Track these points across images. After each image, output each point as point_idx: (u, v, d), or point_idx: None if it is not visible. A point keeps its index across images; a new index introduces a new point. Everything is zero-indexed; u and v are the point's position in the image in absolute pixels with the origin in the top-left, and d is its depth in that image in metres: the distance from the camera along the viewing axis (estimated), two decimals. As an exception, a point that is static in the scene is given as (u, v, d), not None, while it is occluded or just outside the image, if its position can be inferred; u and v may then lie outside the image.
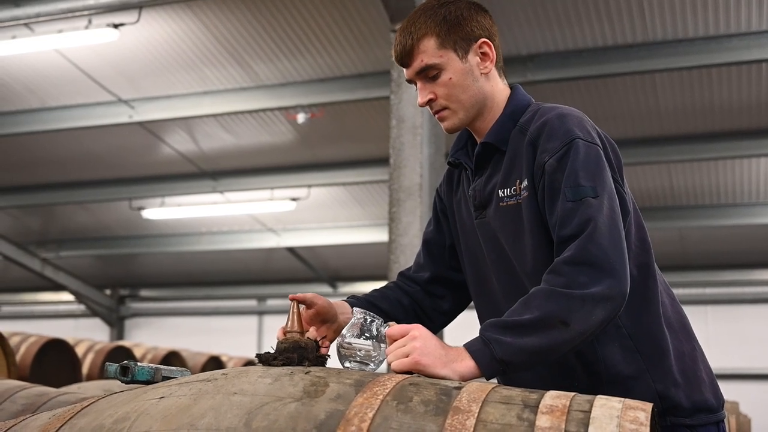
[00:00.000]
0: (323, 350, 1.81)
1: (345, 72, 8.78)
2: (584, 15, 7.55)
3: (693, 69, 8.07)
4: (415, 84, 1.95)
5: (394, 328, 1.66)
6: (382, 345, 1.70)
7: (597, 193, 1.69)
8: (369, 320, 1.71)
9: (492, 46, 1.92)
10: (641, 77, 8.43)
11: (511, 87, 1.99)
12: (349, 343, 1.71)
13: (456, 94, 1.89)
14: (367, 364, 1.69)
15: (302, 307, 1.90)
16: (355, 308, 1.74)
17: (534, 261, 1.81)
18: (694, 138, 9.64)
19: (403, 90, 5.76)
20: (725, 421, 1.88)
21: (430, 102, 1.92)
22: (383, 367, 1.77)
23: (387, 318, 2.01)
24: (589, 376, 1.80)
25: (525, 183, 1.83)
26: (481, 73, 1.91)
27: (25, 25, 7.77)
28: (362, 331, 1.70)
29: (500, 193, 1.88)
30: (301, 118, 9.31)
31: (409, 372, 1.59)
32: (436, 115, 1.95)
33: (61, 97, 9.61)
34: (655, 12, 7.44)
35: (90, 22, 7.74)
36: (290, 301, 1.82)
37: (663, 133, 9.67)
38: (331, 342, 1.92)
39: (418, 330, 1.63)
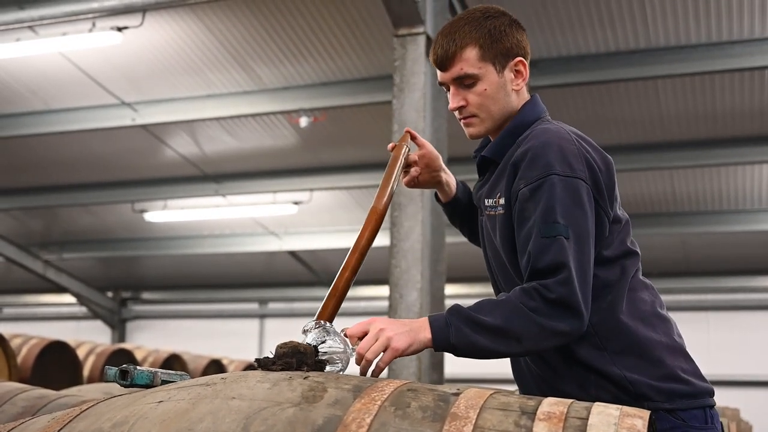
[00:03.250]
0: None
1: (348, 76, 8.80)
2: (587, 21, 7.56)
3: (695, 75, 8.08)
4: (447, 87, 2.05)
5: (353, 328, 1.74)
6: (347, 347, 1.70)
7: (569, 234, 1.80)
8: (322, 326, 1.71)
9: (526, 65, 2.04)
10: (644, 83, 8.43)
11: (532, 96, 2.09)
12: (322, 350, 1.70)
13: (487, 104, 2.00)
14: (337, 365, 1.69)
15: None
16: (306, 323, 1.75)
17: (502, 268, 2.01)
18: (696, 144, 9.64)
19: (405, 95, 5.77)
20: (717, 413, 1.92)
21: (460, 108, 2.03)
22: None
23: None
24: (564, 363, 1.91)
25: (502, 201, 1.94)
26: (513, 89, 2.03)
27: (29, 27, 7.79)
28: (321, 337, 1.69)
29: (486, 202, 2.03)
30: (303, 121, 9.33)
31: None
32: (463, 121, 2.06)
33: (65, 100, 9.63)
34: (658, 18, 7.45)
35: (94, 25, 7.76)
36: (405, 132, 2.22)
37: (665, 139, 9.67)
38: (424, 183, 2.24)
39: (378, 322, 1.74)
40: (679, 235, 12.65)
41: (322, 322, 1.73)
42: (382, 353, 1.70)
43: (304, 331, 1.72)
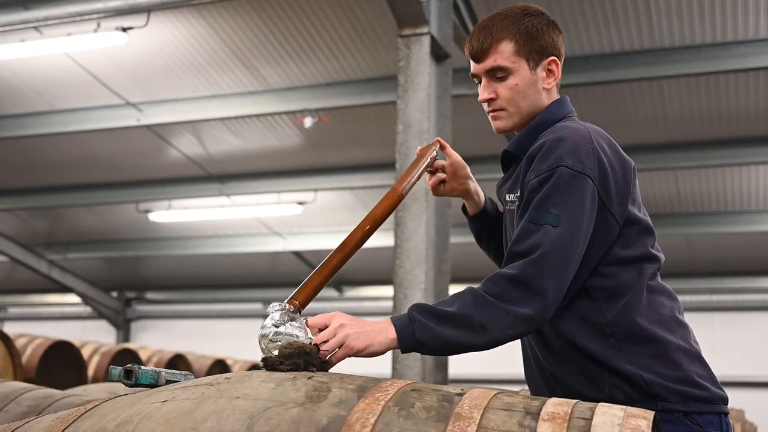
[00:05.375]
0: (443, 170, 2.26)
1: (352, 76, 8.80)
2: (591, 21, 7.56)
3: (700, 75, 8.06)
4: (478, 80, 2.07)
5: (315, 318, 1.73)
6: (305, 335, 1.69)
7: (560, 222, 1.80)
8: (287, 310, 1.71)
9: (559, 65, 2.08)
10: (648, 83, 8.42)
11: (561, 96, 2.11)
12: (279, 333, 1.69)
13: (517, 99, 2.03)
14: None
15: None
16: (272, 304, 1.75)
17: None
18: (700, 144, 9.62)
19: (409, 95, 5.77)
20: (730, 421, 1.92)
21: (490, 100, 2.05)
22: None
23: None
24: (578, 361, 1.91)
25: (518, 193, 1.96)
26: (543, 88, 2.05)
27: (35, 28, 7.81)
28: (282, 319, 1.69)
29: (507, 197, 2.04)
30: (308, 122, 9.33)
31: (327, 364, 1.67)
32: (491, 114, 2.07)
33: (70, 100, 9.65)
34: (663, 18, 7.44)
35: (99, 25, 7.78)
36: (435, 141, 2.27)
37: (670, 140, 9.65)
38: (451, 191, 2.27)
39: (340, 317, 1.72)
40: (684, 236, 12.62)
41: (288, 305, 1.72)
42: (337, 349, 1.68)
43: (268, 312, 1.72)
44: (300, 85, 9.05)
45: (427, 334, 1.71)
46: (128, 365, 1.67)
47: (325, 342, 1.68)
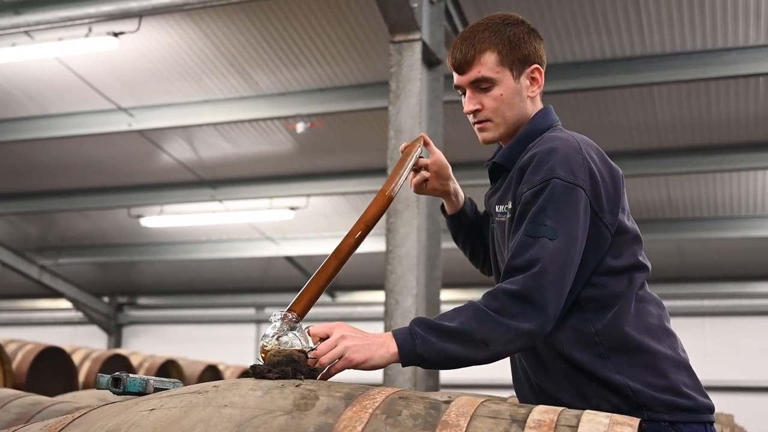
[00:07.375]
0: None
1: (344, 82, 8.81)
2: (582, 27, 7.59)
3: (691, 82, 8.11)
4: (462, 92, 2.08)
5: (317, 327, 1.73)
6: (307, 344, 1.70)
7: (556, 235, 1.80)
8: (289, 319, 1.71)
9: (542, 73, 2.07)
10: (639, 90, 8.45)
11: (545, 105, 2.12)
12: (281, 342, 1.69)
13: (502, 109, 2.03)
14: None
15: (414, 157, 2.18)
16: (273, 313, 1.75)
17: None
18: (691, 150, 9.66)
19: (401, 101, 5.78)
20: (716, 430, 1.93)
21: (476, 111, 2.05)
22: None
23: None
24: (565, 372, 1.91)
25: (509, 205, 1.95)
26: (528, 96, 2.05)
27: (25, 32, 7.80)
28: (283, 329, 1.70)
29: (496, 209, 2.03)
30: (300, 127, 9.33)
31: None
32: (477, 125, 2.07)
33: (61, 105, 9.63)
34: (654, 25, 7.47)
35: (90, 30, 7.77)
36: (420, 136, 2.24)
37: (661, 146, 9.69)
38: (432, 190, 2.25)
39: (341, 328, 1.73)
40: (675, 241, 12.67)
41: (290, 315, 1.73)
42: (337, 360, 1.69)
43: (270, 321, 1.72)
44: (292, 91, 9.06)
45: (429, 349, 1.71)
46: (116, 373, 1.67)
47: (317, 351, 1.68)
